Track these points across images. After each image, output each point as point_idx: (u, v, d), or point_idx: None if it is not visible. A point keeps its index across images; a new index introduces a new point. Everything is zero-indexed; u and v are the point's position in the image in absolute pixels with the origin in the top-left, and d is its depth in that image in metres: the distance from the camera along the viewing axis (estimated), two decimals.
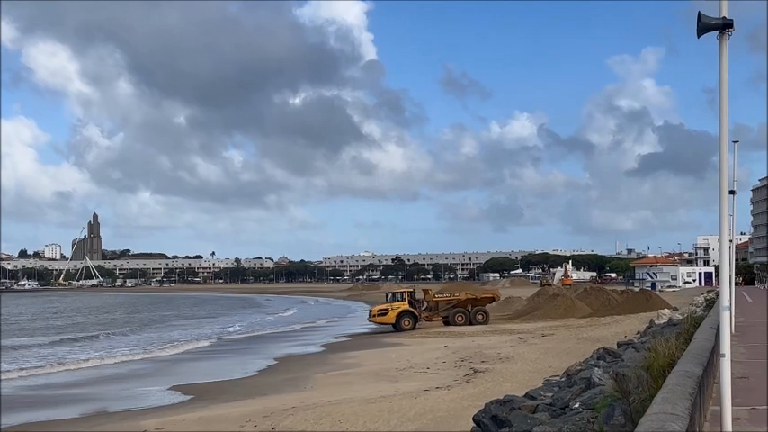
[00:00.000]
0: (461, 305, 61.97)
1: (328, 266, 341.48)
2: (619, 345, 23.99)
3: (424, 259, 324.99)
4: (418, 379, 28.78)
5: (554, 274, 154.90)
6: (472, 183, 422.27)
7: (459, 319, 60.81)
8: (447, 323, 60.67)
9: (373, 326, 66.89)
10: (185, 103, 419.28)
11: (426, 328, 58.34)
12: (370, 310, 63.39)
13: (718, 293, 10.18)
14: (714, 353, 12.35)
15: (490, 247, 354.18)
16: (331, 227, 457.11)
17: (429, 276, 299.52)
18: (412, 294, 62.31)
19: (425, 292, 65.07)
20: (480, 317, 61.32)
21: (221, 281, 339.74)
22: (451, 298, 63.33)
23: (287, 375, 34.18)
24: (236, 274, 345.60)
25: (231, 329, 68.95)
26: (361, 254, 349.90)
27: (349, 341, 53.55)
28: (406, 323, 59.50)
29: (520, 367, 30.17)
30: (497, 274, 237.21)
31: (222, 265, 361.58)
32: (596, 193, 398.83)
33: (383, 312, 60.80)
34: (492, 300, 65.32)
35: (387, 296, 63.48)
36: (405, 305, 60.49)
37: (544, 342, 41.50)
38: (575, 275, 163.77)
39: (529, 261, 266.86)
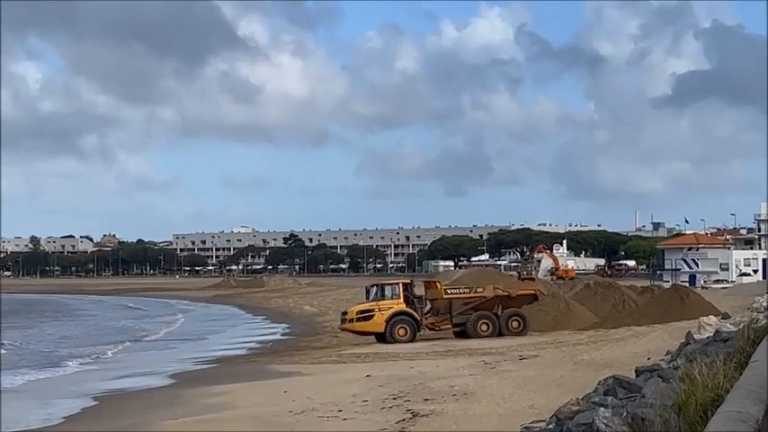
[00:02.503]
0: (486, 306, 62.13)
1: (182, 250, 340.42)
2: (638, 372, 24.39)
3: (335, 239, 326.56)
4: (324, 428, 28.96)
5: (538, 262, 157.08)
6: (412, 117, 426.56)
7: (484, 327, 60.92)
8: (462, 334, 60.85)
9: (254, 344, 66.90)
10: None
11: (340, 347, 58.67)
12: (345, 313, 63.69)
13: None
14: None
15: (440, 219, 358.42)
16: (187, 187, 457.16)
17: (343, 266, 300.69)
18: (409, 288, 62.90)
19: (430, 285, 65.80)
20: (516, 325, 61.55)
21: (8, 274, 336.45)
22: (472, 295, 63.10)
23: (114, 423, 34.11)
24: (33, 262, 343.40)
25: (17, 350, 68.33)
26: (235, 230, 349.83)
27: (214, 369, 53.52)
28: (402, 332, 59.94)
29: (485, 408, 30.54)
30: (450, 263, 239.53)
31: (10, 249, 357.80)
32: (606, 133, 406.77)
33: (366, 315, 61.05)
34: (533, 298, 65.25)
35: (368, 291, 63.89)
36: (399, 305, 60.93)
37: (523, 368, 42.08)
38: (571, 263, 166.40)
39: (500, 242, 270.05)
